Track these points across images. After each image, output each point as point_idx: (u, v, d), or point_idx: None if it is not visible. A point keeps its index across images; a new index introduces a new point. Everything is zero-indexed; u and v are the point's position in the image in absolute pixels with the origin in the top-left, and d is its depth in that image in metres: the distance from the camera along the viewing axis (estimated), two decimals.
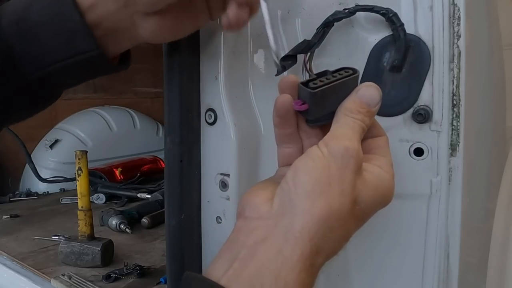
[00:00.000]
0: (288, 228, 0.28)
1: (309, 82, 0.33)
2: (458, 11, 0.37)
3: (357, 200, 0.30)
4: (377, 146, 0.34)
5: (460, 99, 0.38)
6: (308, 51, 0.40)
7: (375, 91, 0.33)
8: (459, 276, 0.39)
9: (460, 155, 0.38)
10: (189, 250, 0.48)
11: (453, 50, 0.37)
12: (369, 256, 0.43)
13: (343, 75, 0.34)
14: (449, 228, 0.39)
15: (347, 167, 0.30)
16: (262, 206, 0.30)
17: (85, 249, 0.91)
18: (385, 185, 0.32)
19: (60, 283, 0.83)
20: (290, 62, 0.40)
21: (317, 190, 0.29)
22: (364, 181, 0.31)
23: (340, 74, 0.34)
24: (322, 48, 0.41)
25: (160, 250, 1.01)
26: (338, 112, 0.33)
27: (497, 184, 0.50)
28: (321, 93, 0.33)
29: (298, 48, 0.40)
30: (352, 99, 0.33)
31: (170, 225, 0.47)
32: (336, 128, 0.32)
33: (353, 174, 0.30)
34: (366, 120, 0.33)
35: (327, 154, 0.30)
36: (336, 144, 0.30)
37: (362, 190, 0.30)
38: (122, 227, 1.11)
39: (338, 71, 0.34)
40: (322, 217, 0.28)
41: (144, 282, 0.85)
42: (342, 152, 0.30)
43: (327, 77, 0.34)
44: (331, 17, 0.40)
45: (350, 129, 0.32)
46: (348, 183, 0.29)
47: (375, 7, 0.38)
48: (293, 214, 0.29)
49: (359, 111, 0.32)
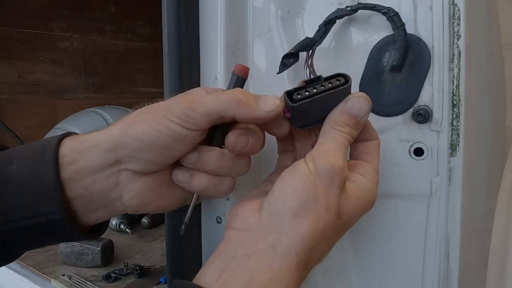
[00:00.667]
0: (277, 243, 0.29)
1: (295, 91, 0.34)
2: (458, 11, 0.37)
3: (340, 214, 0.31)
4: (366, 151, 0.35)
5: (460, 99, 0.38)
6: (310, 49, 0.40)
7: (365, 103, 0.33)
8: (459, 276, 0.39)
9: (460, 155, 0.38)
10: (189, 250, 0.48)
11: (453, 50, 0.37)
12: (369, 256, 0.43)
13: (333, 85, 0.34)
14: (449, 228, 0.39)
15: (332, 184, 0.30)
16: (250, 218, 0.31)
17: (85, 249, 0.91)
18: (368, 195, 0.33)
19: (60, 283, 0.83)
20: (292, 60, 0.41)
21: (304, 208, 0.30)
22: (347, 195, 0.32)
23: (331, 83, 0.34)
24: (322, 48, 0.41)
25: (160, 250, 1.01)
26: (326, 123, 0.34)
27: (497, 184, 0.50)
28: (302, 106, 0.33)
29: (300, 45, 0.40)
30: (340, 111, 0.33)
31: (170, 225, 0.47)
32: (322, 142, 0.33)
33: (338, 190, 0.31)
34: (353, 133, 0.33)
35: (313, 172, 0.31)
36: (322, 161, 0.31)
37: (345, 203, 0.31)
38: (122, 227, 1.11)
39: (330, 79, 0.34)
40: (309, 234, 0.29)
41: (144, 282, 0.85)
42: (328, 170, 0.30)
43: (315, 87, 0.34)
44: (333, 15, 0.40)
45: (336, 144, 0.32)
46: (333, 200, 0.30)
47: (377, 5, 0.38)
48: (281, 230, 0.30)
49: (346, 124, 0.33)
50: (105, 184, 0.33)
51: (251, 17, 0.47)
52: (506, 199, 0.47)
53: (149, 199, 0.35)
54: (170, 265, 0.48)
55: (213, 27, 0.46)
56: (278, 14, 0.45)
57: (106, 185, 0.33)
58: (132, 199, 0.34)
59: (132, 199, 0.34)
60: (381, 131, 0.40)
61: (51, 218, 0.32)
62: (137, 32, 2.03)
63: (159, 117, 0.32)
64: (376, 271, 0.43)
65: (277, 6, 0.45)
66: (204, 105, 0.32)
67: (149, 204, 0.35)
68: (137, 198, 0.34)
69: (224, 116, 0.33)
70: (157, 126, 0.32)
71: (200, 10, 0.47)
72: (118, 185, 0.33)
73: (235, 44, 0.46)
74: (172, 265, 0.48)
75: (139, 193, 0.34)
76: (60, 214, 0.32)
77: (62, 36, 1.76)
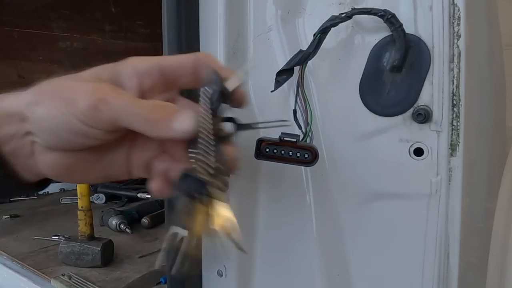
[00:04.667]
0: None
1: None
2: (458, 11, 0.37)
3: None
4: None
5: (460, 99, 0.38)
6: (304, 62, 0.40)
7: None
8: (459, 276, 0.39)
9: (460, 155, 0.38)
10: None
11: (453, 50, 0.37)
12: (369, 256, 0.43)
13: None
14: (449, 228, 0.39)
15: None
16: None
17: (85, 249, 0.91)
18: None
19: (60, 283, 0.83)
20: (285, 77, 0.40)
21: None
22: None
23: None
24: (322, 48, 0.41)
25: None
26: None
27: (497, 184, 0.50)
28: None
29: (294, 60, 0.40)
30: None
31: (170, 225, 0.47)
32: None
33: None
34: None
35: None
36: None
37: None
38: (122, 227, 1.11)
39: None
40: None
41: (144, 282, 0.85)
42: None
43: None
44: (328, 23, 0.39)
45: None
46: None
47: (372, 9, 0.38)
48: None
49: None
50: (22, 151, 0.32)
51: (251, 17, 0.47)
52: (506, 199, 0.47)
53: (62, 173, 0.33)
54: (170, 265, 0.48)
55: (213, 27, 0.46)
56: (278, 14, 0.45)
57: (24, 153, 0.32)
58: (46, 170, 0.33)
59: (46, 170, 0.33)
60: (381, 131, 0.40)
61: None
62: (137, 32, 2.03)
63: (62, 106, 0.30)
64: (376, 271, 0.43)
65: (277, 6, 0.45)
66: (113, 109, 0.30)
67: (64, 177, 0.34)
68: (50, 170, 0.33)
69: (133, 130, 0.30)
70: (58, 115, 0.30)
71: (200, 10, 0.47)
72: (33, 154, 0.32)
73: (235, 44, 0.46)
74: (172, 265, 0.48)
75: (52, 166, 0.32)
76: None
77: (62, 36, 1.76)
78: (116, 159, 0.34)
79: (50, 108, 0.30)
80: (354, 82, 0.41)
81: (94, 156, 0.33)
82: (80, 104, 0.29)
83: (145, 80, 0.32)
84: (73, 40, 1.80)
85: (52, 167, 0.33)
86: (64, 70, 0.33)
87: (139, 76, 0.32)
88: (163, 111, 0.30)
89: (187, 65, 0.33)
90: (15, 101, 0.31)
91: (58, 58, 1.75)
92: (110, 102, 0.30)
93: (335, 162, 0.43)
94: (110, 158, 0.34)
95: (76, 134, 0.30)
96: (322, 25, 0.39)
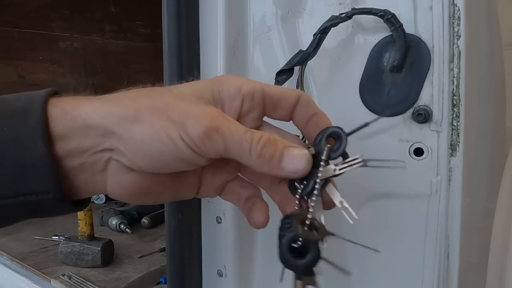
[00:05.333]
0: None
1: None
2: (458, 11, 0.37)
3: None
4: None
5: (460, 99, 0.38)
6: (304, 62, 0.40)
7: None
8: (459, 276, 0.39)
9: (460, 155, 0.38)
10: (189, 250, 0.48)
11: (453, 50, 0.37)
12: (369, 256, 0.43)
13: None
14: (449, 228, 0.39)
15: None
16: None
17: (85, 249, 0.91)
18: None
19: (60, 283, 0.83)
20: (285, 77, 0.40)
21: None
22: None
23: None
24: (322, 48, 0.41)
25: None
26: None
27: (497, 184, 0.50)
28: None
29: (294, 60, 0.40)
30: None
31: (170, 225, 0.47)
32: None
33: None
34: None
35: None
36: None
37: None
38: (122, 227, 1.11)
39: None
40: None
41: (144, 282, 0.85)
42: None
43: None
44: (328, 23, 0.39)
45: None
46: None
47: (372, 9, 0.38)
48: None
49: None
50: (91, 167, 0.29)
51: (251, 17, 0.47)
52: (506, 199, 0.47)
53: (133, 195, 0.31)
54: (170, 265, 0.48)
55: (213, 27, 0.46)
56: (278, 14, 0.45)
57: (93, 169, 0.29)
58: (116, 189, 0.30)
59: (115, 189, 0.30)
60: (381, 131, 0.40)
61: (42, 198, 0.27)
62: (137, 32, 2.03)
63: (170, 128, 0.27)
64: (376, 271, 0.43)
65: (277, 6, 0.45)
66: (226, 142, 0.28)
67: (133, 198, 0.32)
68: (120, 190, 0.30)
69: (240, 161, 0.29)
70: (164, 138, 0.27)
71: (200, 10, 0.47)
72: (105, 171, 0.29)
73: (235, 44, 0.46)
74: (172, 265, 0.48)
75: (125, 187, 0.30)
76: (54, 193, 0.27)
77: (62, 36, 1.76)
78: (189, 180, 0.33)
79: (153, 128, 0.27)
80: (354, 82, 0.41)
81: (171, 178, 0.32)
82: (193, 130, 0.27)
83: (246, 103, 0.31)
84: (73, 40, 1.80)
85: (125, 188, 0.30)
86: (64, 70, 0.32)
87: (242, 97, 0.31)
88: (275, 147, 0.29)
89: (290, 98, 0.32)
90: (99, 112, 0.28)
91: (58, 58, 1.75)
92: (224, 132, 0.28)
93: None
94: (183, 179, 0.33)
95: (179, 160, 0.28)
96: (322, 25, 0.39)
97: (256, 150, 0.28)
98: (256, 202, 0.34)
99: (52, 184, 0.27)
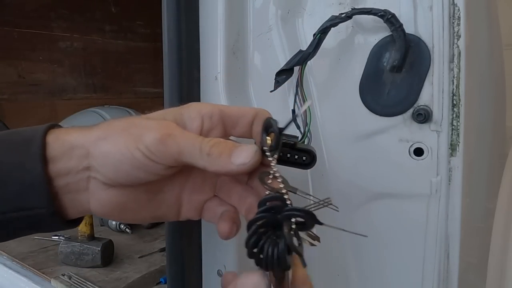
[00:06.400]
0: None
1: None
2: (458, 11, 0.37)
3: None
4: None
5: (460, 99, 0.38)
6: (303, 62, 0.40)
7: None
8: (459, 276, 0.39)
9: (460, 155, 0.38)
10: (189, 250, 0.48)
11: (453, 50, 0.37)
12: (369, 256, 0.43)
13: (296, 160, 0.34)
14: (449, 228, 0.39)
15: None
16: None
17: (85, 249, 0.91)
18: None
19: (60, 283, 0.83)
20: (285, 77, 0.40)
21: None
22: None
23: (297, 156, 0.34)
24: (322, 48, 0.41)
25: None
26: None
27: (497, 184, 0.50)
28: None
29: (293, 60, 0.40)
30: None
31: (170, 225, 0.47)
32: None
33: None
34: None
35: None
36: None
37: None
38: (122, 227, 1.11)
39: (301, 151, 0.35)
40: None
41: (144, 282, 0.85)
42: None
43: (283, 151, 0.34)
44: (328, 23, 0.39)
45: None
46: None
47: (372, 9, 0.38)
48: None
49: None
50: (76, 186, 0.33)
51: (251, 17, 0.47)
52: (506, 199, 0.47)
53: (113, 211, 0.34)
54: (170, 265, 0.48)
55: (213, 27, 0.46)
56: (278, 14, 0.45)
57: (78, 188, 0.33)
58: (98, 207, 0.34)
59: (97, 207, 0.34)
60: (381, 131, 0.40)
61: (37, 212, 0.31)
62: (137, 32, 2.03)
63: (129, 141, 0.31)
64: (376, 271, 0.43)
65: (277, 6, 0.45)
66: (178, 145, 0.31)
67: (114, 216, 0.35)
68: (102, 208, 0.34)
69: (194, 165, 0.32)
70: (123, 149, 0.31)
71: (200, 10, 0.47)
72: (87, 190, 0.33)
73: (235, 44, 0.46)
74: (172, 265, 0.48)
75: (105, 204, 0.34)
76: (47, 208, 0.31)
77: (62, 36, 1.77)
78: (167, 200, 0.36)
79: (116, 142, 0.31)
80: (354, 82, 0.41)
81: (147, 195, 0.35)
82: (147, 139, 0.31)
83: (206, 122, 0.34)
84: (73, 40, 1.80)
85: (105, 205, 0.34)
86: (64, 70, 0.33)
87: (202, 118, 0.34)
88: (224, 146, 0.32)
89: (247, 116, 0.35)
90: (83, 136, 0.32)
91: (58, 58, 1.75)
92: (177, 136, 0.31)
93: (335, 162, 0.43)
94: (161, 198, 0.36)
95: (137, 168, 0.31)
96: (322, 25, 0.39)
97: (206, 149, 0.31)
98: (225, 214, 0.36)
99: (46, 200, 0.31)
